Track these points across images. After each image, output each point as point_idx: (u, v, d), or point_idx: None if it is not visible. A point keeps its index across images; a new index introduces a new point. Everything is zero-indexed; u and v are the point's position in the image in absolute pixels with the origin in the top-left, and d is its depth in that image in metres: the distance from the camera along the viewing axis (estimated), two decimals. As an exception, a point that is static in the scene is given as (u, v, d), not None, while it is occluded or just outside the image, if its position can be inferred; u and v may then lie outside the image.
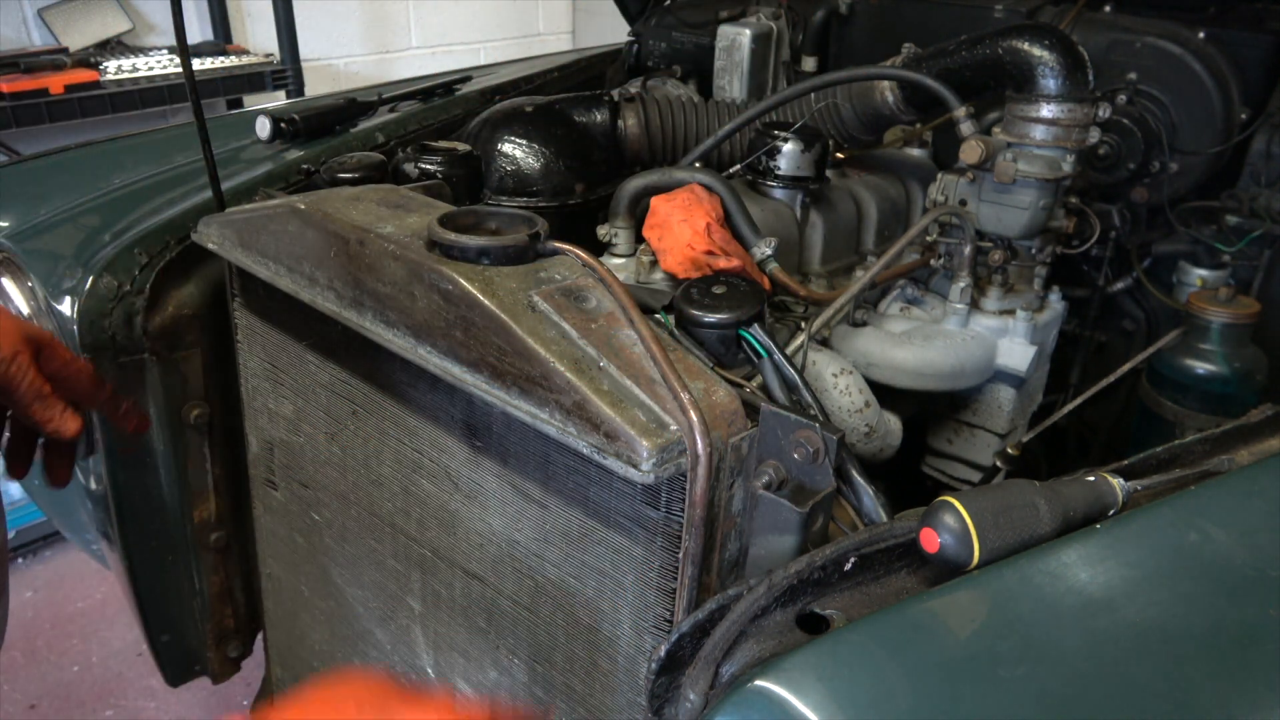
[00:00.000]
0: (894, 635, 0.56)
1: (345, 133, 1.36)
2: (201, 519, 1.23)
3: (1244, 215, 1.32)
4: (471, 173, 1.19)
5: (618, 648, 0.81)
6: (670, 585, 0.74)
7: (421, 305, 0.79)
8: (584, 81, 1.83)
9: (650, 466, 0.66)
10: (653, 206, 1.06)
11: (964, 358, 1.16)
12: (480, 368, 0.76)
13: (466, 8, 3.47)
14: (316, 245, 0.87)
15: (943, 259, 1.24)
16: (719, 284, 0.86)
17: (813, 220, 1.25)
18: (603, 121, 1.35)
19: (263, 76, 2.56)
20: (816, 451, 0.69)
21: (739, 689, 0.54)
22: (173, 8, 0.98)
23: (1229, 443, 0.80)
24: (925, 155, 1.50)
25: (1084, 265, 1.47)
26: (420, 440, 0.91)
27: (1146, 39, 1.39)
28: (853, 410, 1.04)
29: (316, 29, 3.03)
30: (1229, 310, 1.16)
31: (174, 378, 1.14)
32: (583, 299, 0.77)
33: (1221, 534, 0.66)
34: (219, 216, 0.98)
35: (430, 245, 0.80)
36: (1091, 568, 0.62)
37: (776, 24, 1.65)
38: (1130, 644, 0.57)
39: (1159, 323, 1.48)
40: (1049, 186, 1.16)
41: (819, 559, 0.61)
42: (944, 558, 0.61)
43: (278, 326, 1.03)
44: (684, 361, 0.73)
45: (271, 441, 1.12)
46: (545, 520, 0.82)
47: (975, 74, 1.20)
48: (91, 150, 1.34)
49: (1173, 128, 1.39)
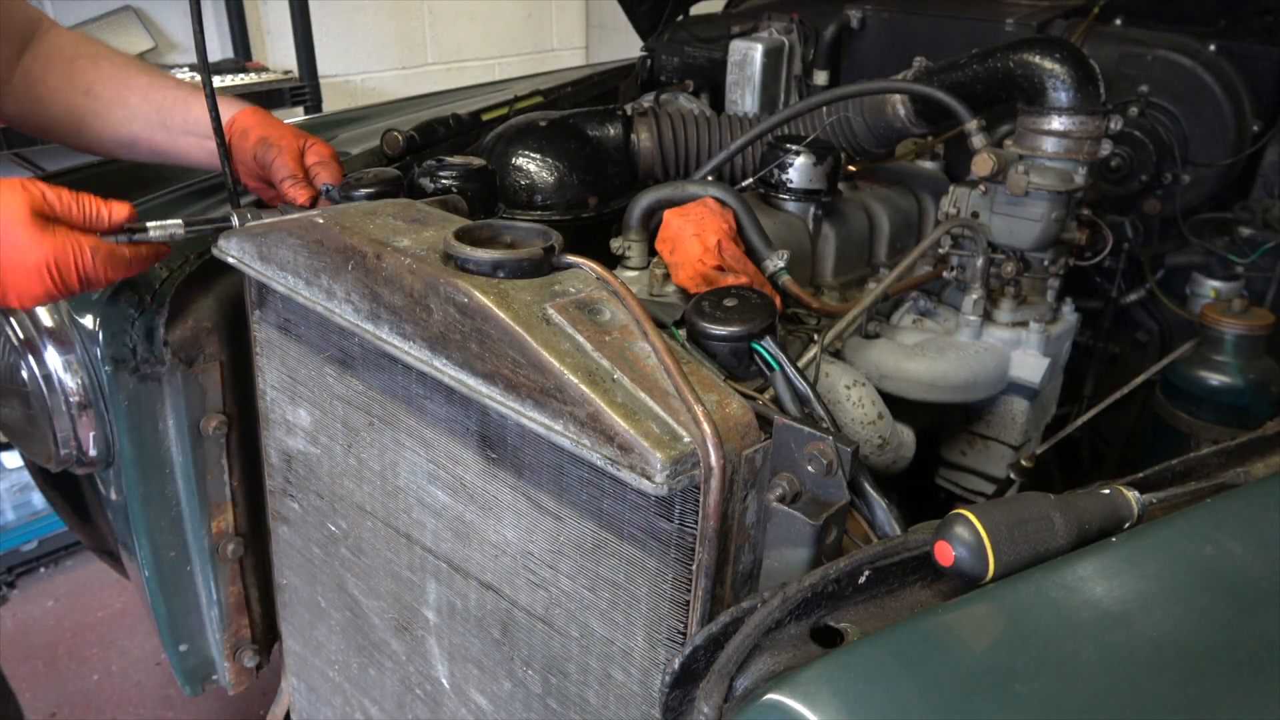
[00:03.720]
0: (908, 649, 0.56)
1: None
2: (220, 529, 1.24)
3: (1257, 227, 1.32)
4: (486, 187, 1.21)
5: (632, 660, 0.81)
6: (684, 597, 0.74)
7: (437, 318, 0.80)
8: (597, 96, 1.85)
9: (664, 479, 0.66)
10: (665, 220, 1.07)
11: (977, 369, 1.16)
12: (495, 380, 0.76)
13: (482, 24, 3.51)
14: (334, 259, 0.88)
15: (955, 271, 1.24)
16: (731, 297, 0.86)
17: (825, 233, 1.26)
18: (616, 136, 1.36)
19: (282, 93, 2.60)
20: (830, 464, 0.70)
21: (753, 702, 0.54)
22: (194, 26, 1.00)
23: (1244, 455, 0.80)
24: (937, 168, 1.50)
25: (1097, 277, 1.47)
26: (436, 452, 0.92)
27: (1158, 52, 1.39)
28: (866, 422, 1.04)
29: (334, 46, 3.07)
30: (1243, 322, 1.15)
31: (193, 389, 1.15)
32: (597, 312, 0.78)
33: (1238, 547, 0.66)
34: (238, 231, 1.00)
35: (446, 258, 0.81)
36: (1107, 581, 0.61)
37: (788, 38, 1.67)
38: (1146, 658, 0.57)
39: (1172, 334, 1.47)
40: (1061, 199, 1.16)
41: (833, 572, 0.61)
42: (959, 571, 0.61)
43: (295, 339, 1.04)
44: (697, 374, 0.74)
45: (289, 453, 1.13)
46: (559, 532, 0.83)
47: (987, 87, 1.20)
48: (114, 166, 1.37)
49: (1184, 140, 1.39)
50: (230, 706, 2.00)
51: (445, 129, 1.44)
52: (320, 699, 1.28)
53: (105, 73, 1.15)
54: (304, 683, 1.30)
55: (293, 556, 1.20)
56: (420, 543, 0.99)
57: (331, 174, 1.11)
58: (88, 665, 2.13)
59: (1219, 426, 1.16)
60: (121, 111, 1.15)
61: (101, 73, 1.15)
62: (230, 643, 1.32)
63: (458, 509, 0.92)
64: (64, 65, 1.14)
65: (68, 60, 1.14)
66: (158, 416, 1.15)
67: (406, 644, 1.06)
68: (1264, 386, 1.16)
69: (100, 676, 2.10)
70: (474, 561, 0.93)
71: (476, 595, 0.94)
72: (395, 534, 1.01)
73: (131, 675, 2.11)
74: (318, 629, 1.21)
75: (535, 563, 0.86)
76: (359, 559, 1.08)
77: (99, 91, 1.14)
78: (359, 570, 1.09)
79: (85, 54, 1.16)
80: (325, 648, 1.21)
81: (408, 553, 1.01)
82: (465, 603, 0.96)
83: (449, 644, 1.01)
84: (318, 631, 1.21)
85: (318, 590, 1.18)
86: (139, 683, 2.10)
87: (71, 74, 1.14)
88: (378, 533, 1.04)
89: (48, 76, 1.14)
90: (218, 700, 2.02)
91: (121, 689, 2.08)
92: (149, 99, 1.14)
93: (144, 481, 1.17)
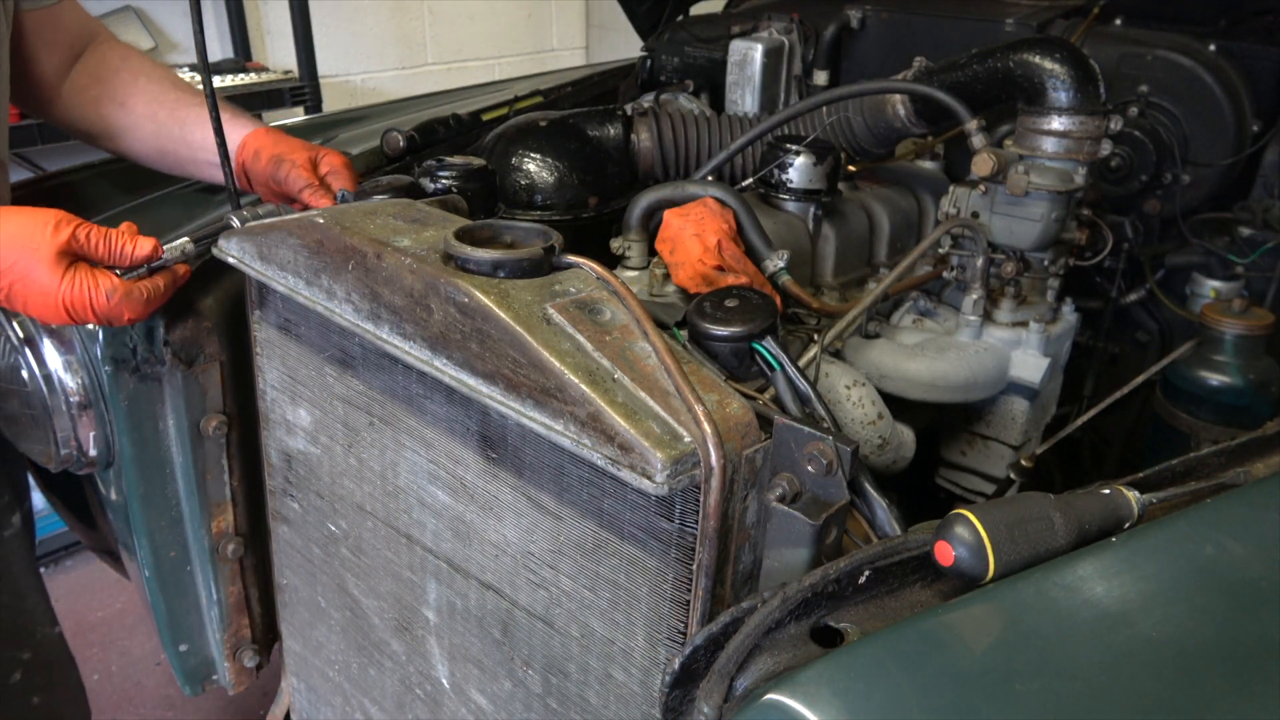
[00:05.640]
0: (908, 649, 0.56)
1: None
2: (220, 529, 1.25)
3: (1257, 227, 1.32)
4: (486, 187, 1.21)
5: (632, 659, 0.81)
6: (684, 597, 0.74)
7: (438, 318, 0.80)
8: (597, 96, 1.85)
9: (664, 478, 0.66)
10: (665, 220, 1.07)
11: (977, 369, 1.16)
12: (495, 380, 0.76)
13: (482, 24, 3.51)
14: (334, 259, 0.88)
15: (955, 271, 1.24)
16: (732, 297, 0.87)
17: (825, 233, 1.26)
18: (616, 136, 1.36)
19: (282, 93, 2.60)
20: (830, 464, 0.70)
21: (753, 702, 0.54)
22: (194, 26, 1.00)
23: (1244, 455, 0.80)
24: (937, 168, 1.50)
25: (1097, 277, 1.47)
26: (436, 451, 0.92)
27: (1158, 52, 1.39)
28: (866, 422, 1.04)
29: (334, 46, 3.07)
30: (1243, 322, 1.15)
31: (193, 389, 1.15)
32: (597, 311, 0.78)
33: (1238, 547, 0.66)
34: (239, 231, 1.00)
35: (446, 258, 0.81)
36: (1107, 581, 0.62)
37: (788, 38, 1.67)
38: (1146, 658, 0.57)
39: (1172, 334, 1.47)
40: (1061, 199, 1.16)
41: (833, 572, 0.61)
42: (959, 571, 0.61)
43: (296, 339, 1.04)
44: (697, 374, 0.74)
45: (289, 453, 1.13)
46: (560, 531, 0.83)
47: (987, 87, 1.20)
48: (113, 166, 1.37)
49: (1184, 140, 1.39)
50: (230, 706, 2.01)
51: (445, 129, 1.44)
52: (320, 699, 1.28)
53: (141, 87, 1.20)
54: (304, 683, 1.30)
55: (293, 556, 1.20)
56: (420, 543, 0.99)
57: (345, 182, 1.13)
58: (88, 665, 2.13)
59: (1219, 426, 1.16)
60: (150, 126, 1.19)
61: (138, 87, 1.19)
62: (230, 643, 1.32)
63: (458, 509, 0.92)
64: (108, 77, 1.19)
65: (112, 72, 1.20)
66: (158, 416, 1.15)
67: (407, 644, 1.06)
68: (1264, 386, 1.16)
69: (100, 676, 2.10)
70: (474, 561, 0.93)
71: (477, 595, 0.94)
72: (395, 534, 1.01)
73: (131, 675, 2.11)
74: (318, 629, 1.21)
75: (536, 562, 0.86)
76: (359, 559, 1.08)
77: (132, 105, 1.19)
78: (359, 570, 1.09)
79: (130, 68, 1.21)
80: (325, 648, 1.21)
81: (408, 553, 1.01)
82: (465, 603, 0.96)
83: (449, 644, 1.01)
84: (318, 631, 1.21)
85: (318, 590, 1.18)
86: (139, 683, 2.10)
87: (112, 87, 1.19)
88: (378, 533, 1.04)
89: (90, 87, 1.19)
90: (218, 700, 2.02)
91: (122, 689, 2.08)
92: (175, 115, 1.19)
93: (144, 481, 1.17)
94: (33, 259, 0.90)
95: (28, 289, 0.91)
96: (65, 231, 0.91)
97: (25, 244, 0.90)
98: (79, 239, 0.92)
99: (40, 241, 0.90)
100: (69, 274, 0.91)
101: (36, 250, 0.90)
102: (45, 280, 0.91)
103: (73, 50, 1.19)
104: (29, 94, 1.17)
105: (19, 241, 0.90)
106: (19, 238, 0.90)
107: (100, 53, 1.21)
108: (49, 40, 1.15)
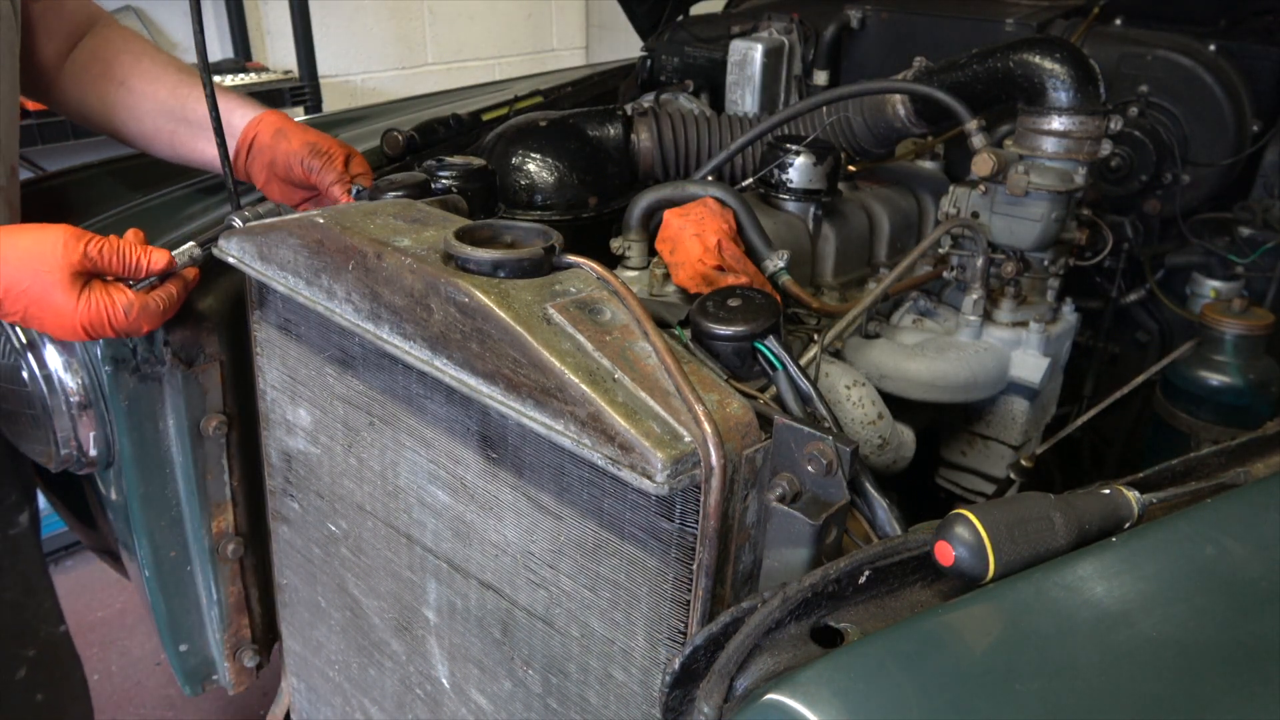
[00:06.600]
0: (909, 649, 0.56)
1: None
2: (220, 529, 1.25)
3: (1257, 227, 1.32)
4: (486, 187, 1.21)
5: (632, 659, 0.81)
6: (684, 597, 0.74)
7: (438, 318, 0.80)
8: (597, 96, 1.85)
9: (664, 478, 0.66)
10: (665, 220, 1.07)
11: (977, 369, 1.16)
12: (496, 379, 0.76)
13: (482, 24, 3.51)
14: (334, 259, 0.88)
15: (955, 271, 1.24)
16: (735, 297, 0.87)
17: (825, 233, 1.26)
18: (616, 136, 1.36)
19: (282, 93, 2.60)
20: (830, 464, 0.70)
21: (753, 702, 0.54)
22: (194, 26, 1.00)
23: (1244, 455, 0.80)
24: (937, 168, 1.50)
25: (1097, 277, 1.47)
26: (436, 451, 0.92)
27: (1158, 52, 1.39)
28: (866, 422, 1.04)
29: (334, 46, 3.07)
30: (1243, 322, 1.16)
31: (193, 389, 1.15)
32: (597, 311, 0.78)
33: (1238, 547, 0.66)
34: (238, 231, 1.00)
35: (446, 258, 0.81)
36: (1107, 581, 0.62)
37: (788, 38, 1.67)
38: (1146, 658, 0.57)
39: (1172, 334, 1.47)
40: (1061, 199, 1.16)
41: (833, 572, 0.61)
42: (959, 571, 0.61)
43: (296, 339, 1.04)
44: (698, 374, 0.74)
45: (289, 453, 1.13)
46: (560, 531, 0.83)
47: (986, 87, 1.20)
48: (114, 167, 1.37)
49: (1184, 140, 1.39)
50: (230, 706, 2.01)
51: (445, 129, 1.44)
52: (320, 699, 1.28)
53: (143, 67, 1.18)
54: (304, 683, 1.30)
55: (293, 556, 1.20)
56: (420, 542, 0.99)
57: (368, 184, 1.14)
58: (88, 665, 2.10)
59: (1219, 426, 1.16)
60: (149, 104, 1.18)
61: (139, 67, 1.18)
62: (230, 643, 1.32)
63: (458, 509, 0.92)
64: (110, 57, 1.18)
65: (114, 53, 1.18)
66: (158, 416, 1.15)
67: (407, 644, 1.06)
68: (1264, 386, 1.16)
69: (100, 676, 2.10)
70: (474, 561, 0.93)
71: (477, 595, 0.94)
72: (395, 534, 1.01)
73: (131, 675, 2.11)
74: (318, 629, 1.21)
75: (536, 562, 0.86)
76: (359, 559, 1.08)
77: (133, 84, 1.17)
78: (359, 570, 1.09)
79: (131, 50, 1.19)
80: (325, 648, 1.21)
81: (408, 552, 1.01)
82: (465, 602, 0.96)
83: (449, 644, 1.01)
84: (318, 631, 1.21)
85: (318, 590, 1.18)
86: (139, 683, 2.10)
87: (113, 67, 1.17)
88: (378, 532, 1.04)
89: (91, 66, 1.17)
90: (218, 700, 2.02)
91: (122, 689, 2.08)
92: (175, 93, 1.17)
93: (144, 481, 1.17)
94: (46, 281, 0.89)
95: (44, 312, 0.90)
96: (76, 250, 0.90)
97: (37, 266, 0.89)
98: (90, 256, 0.91)
99: (52, 262, 0.89)
100: (84, 295, 0.90)
101: (49, 272, 0.89)
102: (61, 302, 0.90)
103: (75, 34, 1.18)
104: (29, 78, 1.16)
105: (30, 264, 0.89)
106: (30, 260, 0.89)
107: (103, 34, 1.20)
108: (51, 26, 1.15)
